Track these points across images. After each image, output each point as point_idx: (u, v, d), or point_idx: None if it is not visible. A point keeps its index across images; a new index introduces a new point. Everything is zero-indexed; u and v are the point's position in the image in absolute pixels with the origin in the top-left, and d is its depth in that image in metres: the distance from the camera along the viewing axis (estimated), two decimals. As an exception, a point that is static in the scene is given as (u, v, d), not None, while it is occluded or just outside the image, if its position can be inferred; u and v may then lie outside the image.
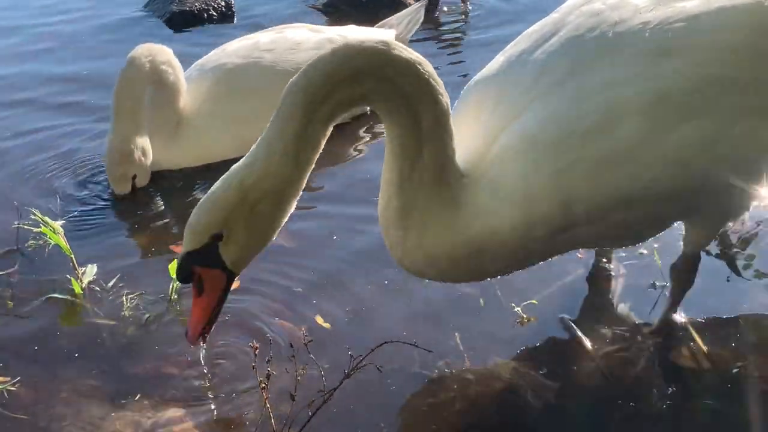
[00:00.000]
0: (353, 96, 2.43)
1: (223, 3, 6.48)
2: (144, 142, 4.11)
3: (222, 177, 2.47)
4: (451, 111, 2.48)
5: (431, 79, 2.41)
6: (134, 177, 4.12)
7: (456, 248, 2.60)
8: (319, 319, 3.28)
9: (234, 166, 2.47)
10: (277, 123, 2.42)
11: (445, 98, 2.45)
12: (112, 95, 4.07)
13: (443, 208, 2.56)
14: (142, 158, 4.10)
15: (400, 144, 2.49)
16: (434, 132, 2.45)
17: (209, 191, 2.48)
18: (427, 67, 2.42)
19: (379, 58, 2.38)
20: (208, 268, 2.52)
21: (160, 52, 4.17)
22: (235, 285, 3.14)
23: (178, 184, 4.27)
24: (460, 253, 2.61)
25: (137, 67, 4.07)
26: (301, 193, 2.50)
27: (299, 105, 2.38)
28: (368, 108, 4.82)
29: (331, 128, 2.46)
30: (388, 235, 2.68)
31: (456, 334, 3.18)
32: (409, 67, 2.39)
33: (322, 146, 2.47)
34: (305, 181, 2.48)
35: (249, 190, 2.42)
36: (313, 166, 2.47)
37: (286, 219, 2.53)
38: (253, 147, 2.47)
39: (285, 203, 2.49)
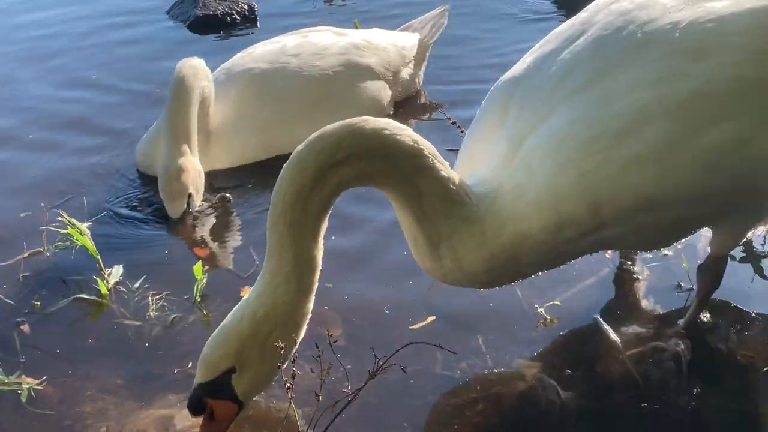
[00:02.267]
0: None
1: (246, 6, 6.51)
2: (197, 162, 4.05)
3: (233, 309, 2.53)
4: (424, 144, 2.49)
5: (395, 136, 2.45)
6: (189, 196, 4.02)
7: (492, 260, 2.61)
8: (344, 320, 3.28)
9: (245, 297, 2.53)
10: (274, 254, 2.46)
11: (410, 139, 2.46)
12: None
13: (467, 227, 2.56)
14: (198, 179, 4.04)
15: (398, 194, 2.54)
16: (420, 171, 2.47)
17: (221, 324, 2.53)
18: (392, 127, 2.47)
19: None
20: (219, 400, 2.55)
21: (201, 68, 4.18)
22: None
23: (204, 187, 4.30)
24: (496, 264, 2.63)
25: (188, 86, 4.04)
26: (309, 316, 2.56)
27: (288, 236, 2.42)
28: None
29: (321, 244, 2.50)
30: (425, 266, 2.72)
31: (479, 335, 3.19)
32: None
33: (320, 265, 2.52)
34: (311, 304, 2.55)
35: (261, 321, 2.48)
36: (317, 285, 2.54)
37: (297, 346, 2.59)
38: (260, 277, 2.52)
39: (296, 330, 2.55)
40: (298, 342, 2.57)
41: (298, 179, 2.40)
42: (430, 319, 3.28)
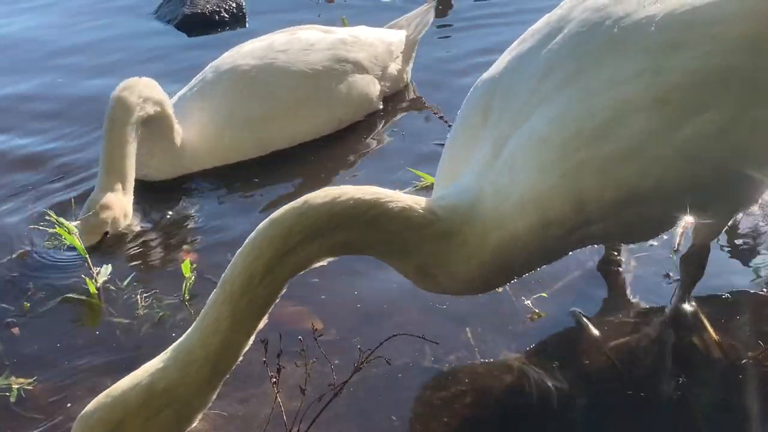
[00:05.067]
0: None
1: (234, 4, 6.51)
2: (128, 202, 3.90)
3: (132, 373, 2.35)
4: (367, 194, 2.44)
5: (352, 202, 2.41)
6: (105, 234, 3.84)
7: (484, 267, 2.62)
8: (329, 315, 3.29)
9: (146, 365, 2.36)
10: (203, 331, 2.34)
11: (351, 199, 2.41)
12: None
13: (445, 241, 2.56)
14: (121, 220, 3.87)
15: (365, 249, 2.53)
16: (375, 220, 2.44)
17: (113, 386, 2.34)
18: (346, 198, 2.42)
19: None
20: None
21: (143, 87, 4.01)
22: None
23: (191, 186, 4.30)
24: (489, 270, 2.64)
25: (120, 122, 3.89)
26: (206, 408, 2.44)
27: (226, 320, 2.33)
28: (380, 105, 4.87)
29: (253, 337, 2.42)
30: (423, 287, 2.75)
31: (467, 328, 3.20)
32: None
33: (241, 356, 2.42)
34: (215, 395, 2.43)
35: (158, 395, 2.31)
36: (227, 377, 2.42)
37: None
38: (171, 349, 2.38)
39: (189, 416, 2.41)
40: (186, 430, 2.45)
41: (250, 269, 2.32)
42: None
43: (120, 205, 3.86)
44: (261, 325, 2.42)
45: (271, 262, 2.34)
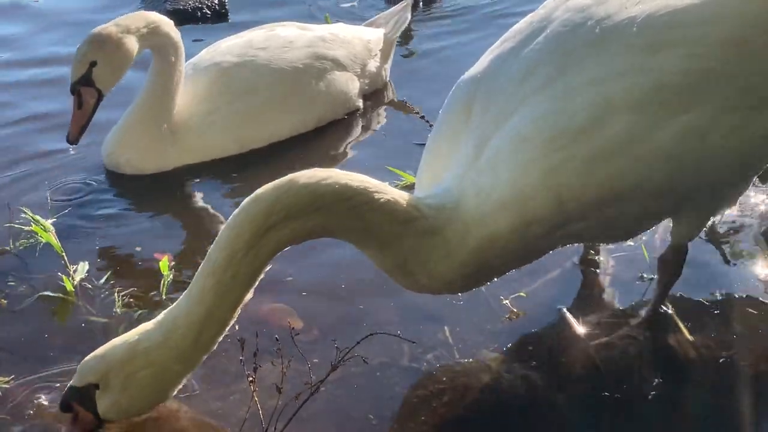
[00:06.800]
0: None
1: (216, 1, 6.48)
2: (131, 45, 4.00)
3: (131, 330, 2.58)
4: (353, 180, 2.47)
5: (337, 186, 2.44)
6: (93, 65, 3.96)
7: (464, 266, 2.63)
8: (310, 314, 3.28)
9: (141, 325, 2.57)
10: (190, 300, 2.44)
11: (336, 183, 2.43)
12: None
13: (427, 240, 2.57)
14: (116, 59, 3.97)
15: (345, 235, 2.56)
16: (358, 208, 2.46)
17: (112, 340, 2.59)
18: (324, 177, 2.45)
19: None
20: (83, 408, 2.64)
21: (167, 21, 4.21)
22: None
23: (170, 183, 4.28)
24: (469, 269, 2.65)
25: (147, 13, 4.15)
26: (187, 377, 2.59)
27: (210, 292, 2.40)
28: (360, 104, 4.87)
29: (238, 312, 2.50)
30: (402, 284, 2.75)
31: (445, 327, 3.20)
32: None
33: (227, 328, 2.51)
34: (197, 365, 2.56)
35: (138, 354, 2.49)
36: (213, 348, 2.53)
37: (161, 400, 2.63)
38: (162, 314, 2.52)
39: (167, 381, 2.55)
40: (163, 399, 2.60)
41: (233, 244, 2.37)
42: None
43: (119, 43, 3.96)
44: (246, 298, 2.47)
45: (252, 239, 2.37)
